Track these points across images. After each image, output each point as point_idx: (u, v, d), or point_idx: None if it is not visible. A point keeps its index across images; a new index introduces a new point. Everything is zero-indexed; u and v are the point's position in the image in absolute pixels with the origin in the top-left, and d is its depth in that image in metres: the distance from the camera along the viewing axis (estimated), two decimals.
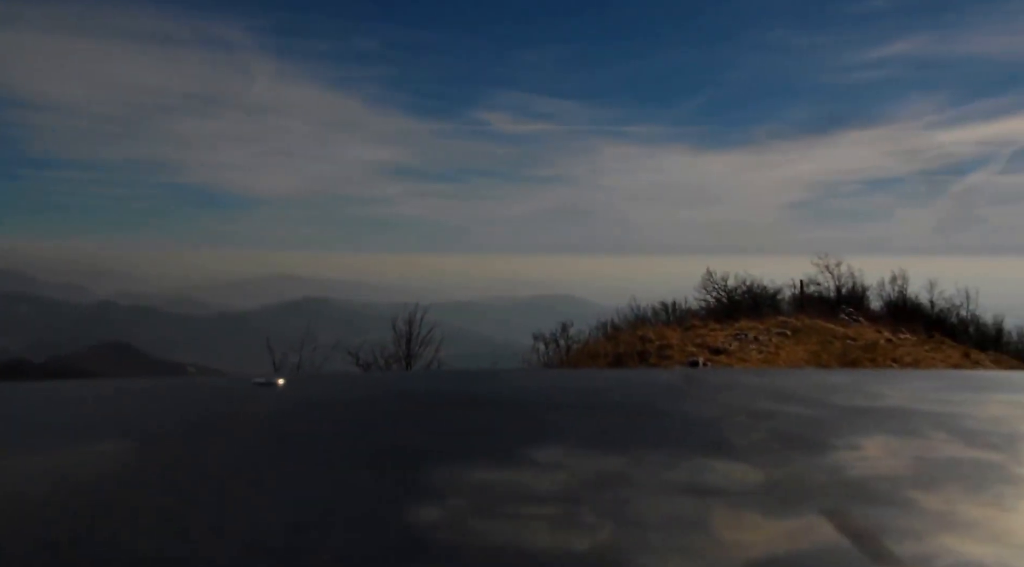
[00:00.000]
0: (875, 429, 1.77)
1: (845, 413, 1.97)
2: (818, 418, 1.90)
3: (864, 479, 1.40)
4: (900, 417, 1.91)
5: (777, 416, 1.92)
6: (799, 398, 2.14)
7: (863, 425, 1.82)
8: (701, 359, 18.27)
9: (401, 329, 18.53)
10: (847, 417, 1.92)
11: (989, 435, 1.72)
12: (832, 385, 2.38)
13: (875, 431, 1.75)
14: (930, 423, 1.82)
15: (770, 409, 2.00)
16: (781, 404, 2.06)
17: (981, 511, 1.22)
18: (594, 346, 21.15)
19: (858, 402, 2.10)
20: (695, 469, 1.47)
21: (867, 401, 2.10)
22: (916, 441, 1.67)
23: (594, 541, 1.11)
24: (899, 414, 1.94)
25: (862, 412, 1.98)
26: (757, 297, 22.13)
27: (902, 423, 1.84)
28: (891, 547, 1.08)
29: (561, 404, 2.16)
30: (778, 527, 1.16)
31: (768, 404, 2.06)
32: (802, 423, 1.85)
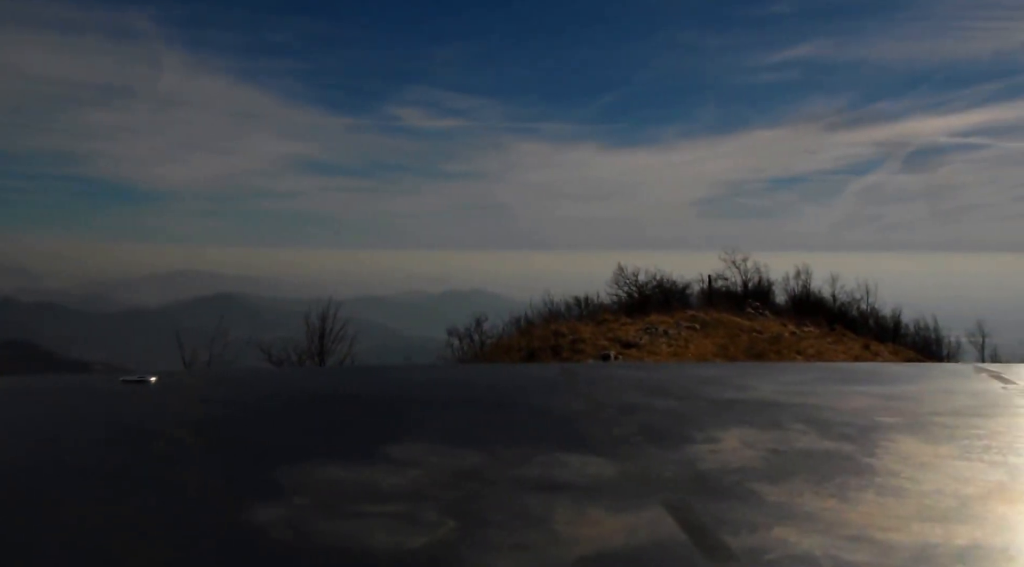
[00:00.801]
0: (736, 422, 1.80)
1: (712, 406, 2.00)
2: (684, 411, 1.93)
3: (714, 472, 1.43)
4: (764, 409, 1.95)
5: (644, 410, 1.94)
6: (671, 392, 2.17)
7: (726, 418, 1.85)
8: (613, 353, 18.47)
9: (314, 325, 18.27)
10: (713, 410, 1.95)
11: (845, 426, 1.76)
12: (707, 378, 2.42)
13: (736, 424, 1.78)
14: (791, 415, 1.87)
15: (639, 403, 2.03)
16: (651, 398, 2.08)
17: (822, 503, 1.25)
18: (508, 341, 21.17)
19: (728, 395, 2.14)
20: (550, 464, 1.48)
21: (737, 394, 2.14)
22: (773, 433, 1.71)
23: (431, 539, 1.11)
24: (764, 406, 1.98)
25: (729, 405, 2.01)
26: (667, 292, 22.43)
27: (764, 415, 1.88)
28: (726, 540, 1.10)
29: (437, 400, 2.16)
30: (619, 522, 1.18)
31: (639, 398, 2.09)
32: (667, 416, 1.87)
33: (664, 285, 22.75)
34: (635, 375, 2.56)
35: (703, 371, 2.85)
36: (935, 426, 1.75)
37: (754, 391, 2.17)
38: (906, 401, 2.04)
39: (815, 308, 21.97)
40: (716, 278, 23.38)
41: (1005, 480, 1.37)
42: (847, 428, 1.74)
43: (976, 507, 1.24)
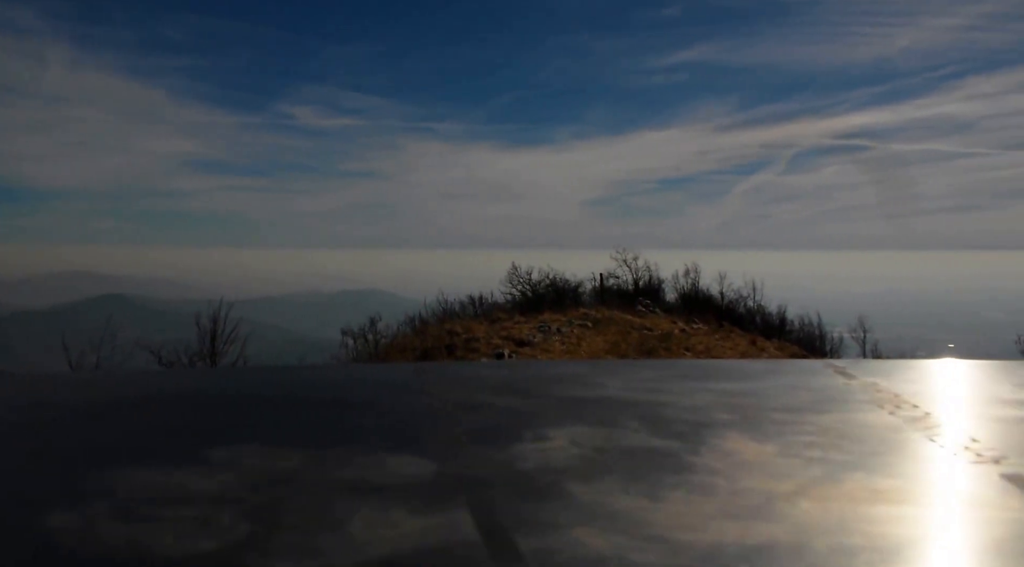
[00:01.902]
0: (573, 420, 1.79)
1: (556, 404, 1.99)
2: (527, 410, 1.91)
3: (532, 472, 1.40)
4: (606, 407, 1.94)
5: (486, 409, 1.92)
6: (520, 390, 2.15)
7: (564, 416, 1.84)
8: (507, 351, 18.53)
9: (205, 326, 17.86)
10: (555, 408, 1.94)
11: (679, 424, 1.76)
12: (565, 376, 2.41)
13: (572, 422, 1.77)
14: (631, 413, 1.86)
15: (484, 402, 2.00)
16: (498, 397, 2.06)
17: (630, 502, 1.24)
18: (402, 340, 21.05)
19: (575, 393, 2.13)
20: (369, 466, 1.45)
21: (585, 392, 2.14)
22: (605, 431, 1.70)
23: (220, 544, 1.07)
24: (608, 404, 1.98)
25: (573, 403, 2.00)
26: (560, 290, 22.62)
27: (604, 413, 1.87)
28: (519, 542, 1.08)
29: (289, 400, 2.11)
30: (418, 524, 1.15)
31: (486, 397, 2.07)
32: (507, 415, 1.85)
33: (557, 284, 22.93)
34: (494, 374, 2.54)
35: (565, 369, 2.85)
36: (767, 423, 1.77)
37: (603, 389, 2.17)
38: (748, 398, 2.06)
39: (704, 305, 22.44)
40: (608, 277, 23.70)
41: (818, 477, 1.38)
42: (680, 426, 1.74)
43: (781, 505, 1.24)
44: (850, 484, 1.33)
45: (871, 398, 2.03)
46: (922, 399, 2.03)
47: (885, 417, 1.82)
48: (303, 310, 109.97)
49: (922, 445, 1.59)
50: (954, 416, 1.86)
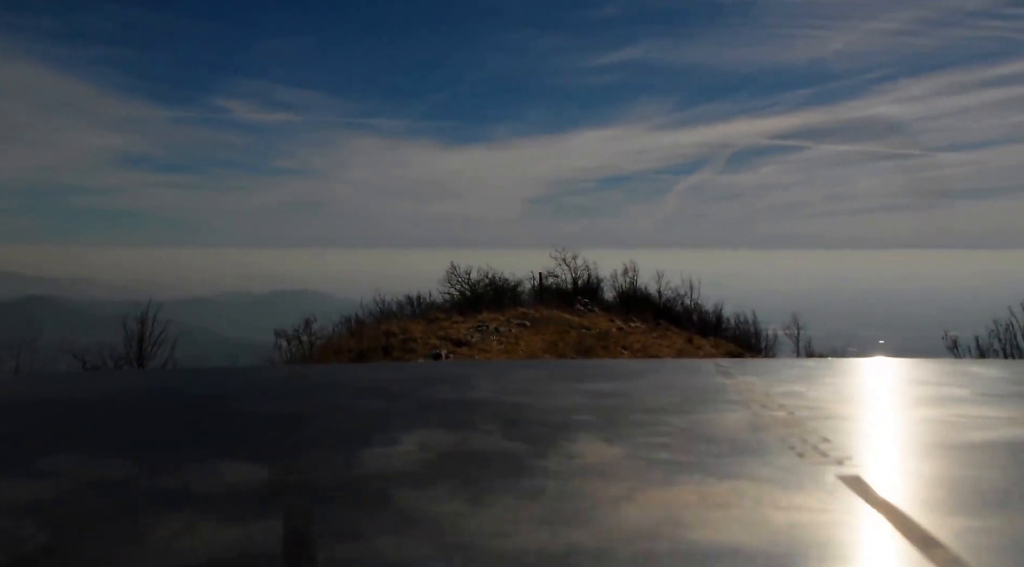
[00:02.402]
0: (431, 423, 1.77)
1: (419, 407, 1.97)
2: (387, 412, 1.89)
3: (365, 478, 1.38)
4: (469, 409, 1.92)
5: (346, 411, 1.89)
6: (389, 392, 2.12)
7: (423, 419, 1.81)
8: (444, 351, 18.48)
9: (132, 328, 17.56)
10: (417, 411, 1.91)
11: (537, 426, 1.75)
12: (443, 377, 2.39)
13: (429, 425, 1.75)
14: (492, 415, 1.84)
15: (347, 404, 1.97)
16: (365, 399, 2.03)
17: (453, 507, 1.23)
18: (337, 341, 20.89)
19: (444, 395, 2.10)
20: (199, 473, 1.41)
21: (458, 393, 2.11)
22: (458, 435, 1.68)
23: (12, 557, 1.03)
24: (472, 406, 1.96)
25: (437, 405, 1.98)
26: (499, 290, 22.63)
27: (465, 416, 1.85)
28: (321, 552, 1.05)
29: (160, 405, 2.06)
30: (225, 533, 1.13)
31: (351, 399, 2.04)
32: (364, 418, 1.83)
33: (496, 283, 22.95)
34: (369, 375, 2.51)
35: (445, 370, 2.83)
36: (627, 424, 1.76)
37: (476, 390, 2.15)
38: (620, 398, 2.05)
39: (642, 304, 22.62)
40: (547, 276, 23.76)
41: (654, 479, 1.37)
42: (537, 428, 1.73)
43: (603, 510, 1.22)
44: (682, 487, 1.32)
45: (742, 398, 2.04)
46: (795, 399, 2.04)
47: (747, 417, 1.82)
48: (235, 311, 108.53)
49: (772, 446, 1.59)
50: (819, 416, 1.87)
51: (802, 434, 1.67)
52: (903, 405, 2.04)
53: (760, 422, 1.78)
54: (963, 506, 1.25)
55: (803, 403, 1.99)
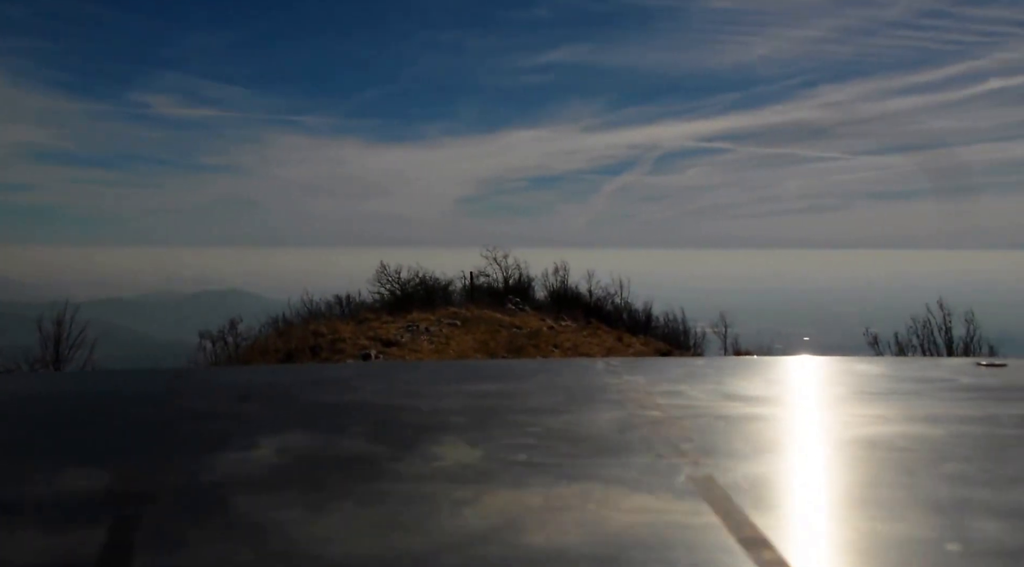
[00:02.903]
0: (299, 427, 1.74)
1: (294, 410, 1.94)
2: (258, 416, 1.86)
3: (210, 484, 1.36)
4: (343, 412, 1.89)
5: (217, 417, 1.85)
6: (268, 395, 2.09)
7: (293, 423, 1.78)
8: (373, 352, 18.35)
9: (48, 330, 17.11)
10: (290, 414, 1.89)
11: (408, 428, 1.73)
12: (336, 379, 2.36)
13: (297, 429, 1.72)
14: (365, 418, 1.82)
15: (221, 409, 1.93)
16: (241, 403, 1.99)
17: (289, 515, 1.20)
18: (264, 342, 20.63)
19: (327, 398, 2.07)
20: (42, 480, 1.37)
21: (337, 396, 2.08)
22: (323, 439, 1.66)
23: None
24: (348, 409, 1.93)
25: (313, 408, 1.95)
26: (430, 289, 22.54)
27: (337, 419, 1.82)
28: (136, 562, 1.02)
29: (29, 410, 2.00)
30: (44, 544, 1.09)
31: (226, 404, 2.00)
32: (233, 422, 1.79)
33: (427, 282, 22.85)
34: (255, 378, 2.47)
35: (330, 372, 2.80)
36: (498, 426, 1.75)
37: (361, 392, 2.13)
38: (501, 399, 2.04)
39: (572, 303, 22.71)
40: (478, 275, 23.74)
41: (505, 482, 1.36)
42: (406, 430, 1.71)
43: (445, 514, 1.21)
44: (530, 490, 1.31)
45: (622, 398, 2.04)
46: (674, 398, 2.04)
47: (620, 417, 1.82)
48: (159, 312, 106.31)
49: (635, 447, 1.59)
50: (692, 416, 1.88)
51: (669, 434, 1.67)
52: (779, 404, 2.06)
53: (631, 422, 1.78)
54: (805, 506, 1.27)
55: (681, 402, 2.00)
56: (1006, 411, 1.95)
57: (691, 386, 2.21)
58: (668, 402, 1.99)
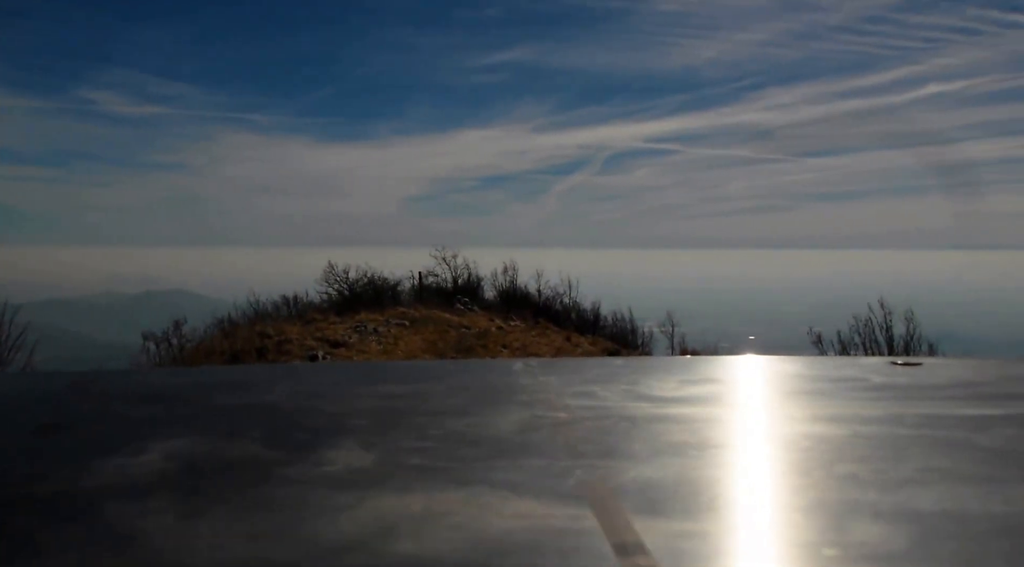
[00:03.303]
0: (197, 430, 1.70)
1: (197, 413, 1.90)
2: (160, 419, 1.82)
3: (83, 490, 1.32)
4: (248, 414, 1.86)
5: (117, 419, 1.82)
6: (177, 397, 2.05)
7: (192, 426, 1.75)
8: (321, 353, 18.22)
9: None
10: (192, 417, 1.85)
11: (307, 432, 1.70)
12: (239, 383, 2.32)
13: (194, 432, 1.68)
14: (267, 420, 1.79)
15: (121, 412, 1.89)
16: (145, 405, 1.95)
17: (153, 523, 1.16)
18: (210, 343, 20.35)
19: (233, 400, 2.04)
20: None
21: (245, 398, 2.05)
22: (218, 443, 1.62)
23: None
24: (253, 411, 1.90)
25: (218, 411, 1.92)
26: (378, 289, 22.40)
27: (239, 421, 1.79)
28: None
29: None
30: None
31: (129, 407, 1.96)
32: (130, 425, 1.75)
33: (375, 282, 22.69)
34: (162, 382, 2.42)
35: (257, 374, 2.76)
36: (399, 428, 1.73)
37: (270, 394, 2.10)
38: (410, 400, 2.02)
39: (522, 303, 22.69)
40: (427, 275, 23.64)
41: (393, 488, 1.34)
42: (304, 434, 1.68)
43: (321, 521, 1.18)
44: (415, 495, 1.29)
45: (532, 399, 2.03)
46: (584, 399, 2.04)
47: (525, 419, 1.81)
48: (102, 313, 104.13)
49: (533, 449, 1.58)
50: (597, 417, 1.87)
51: (569, 436, 1.66)
52: (688, 404, 2.06)
53: (534, 424, 1.77)
54: (691, 511, 1.26)
55: (590, 403, 2.00)
56: (911, 410, 1.97)
57: (604, 387, 2.21)
58: (576, 403, 1.98)
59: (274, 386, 2.21)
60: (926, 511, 1.25)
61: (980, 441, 1.68)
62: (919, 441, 1.70)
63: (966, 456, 1.57)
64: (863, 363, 2.87)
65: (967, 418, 1.90)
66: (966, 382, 2.38)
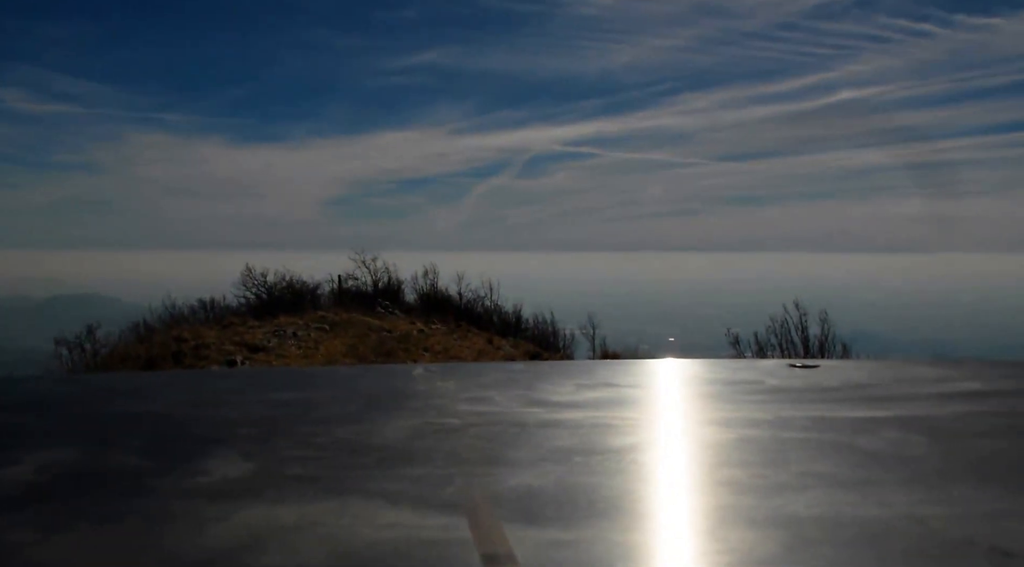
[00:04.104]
0: (72, 439, 1.68)
1: (78, 420, 1.87)
2: (35, 429, 1.78)
3: None
4: (133, 422, 1.84)
5: None
6: (59, 406, 2.00)
7: (69, 435, 1.72)
8: (239, 357, 17.94)
9: None
10: (71, 426, 1.82)
11: (189, 441, 1.68)
12: (131, 390, 2.28)
13: (69, 441, 1.65)
14: (153, 428, 1.77)
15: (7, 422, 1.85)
16: (20, 413, 1.91)
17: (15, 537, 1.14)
18: (125, 349, 19.88)
19: (117, 408, 2.00)
20: None
21: (130, 406, 2.02)
22: (92, 452, 1.60)
23: None
24: (139, 419, 1.88)
25: (103, 418, 1.88)
26: (297, 293, 22.15)
27: (123, 429, 1.76)
28: None
29: None
30: None
31: (9, 414, 1.91)
32: (6, 435, 1.71)
33: (294, 286, 22.45)
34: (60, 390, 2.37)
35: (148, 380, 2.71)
36: (285, 436, 1.72)
37: (158, 402, 2.06)
38: (300, 407, 2.01)
39: (443, 306, 22.67)
40: (347, 278, 23.45)
41: (267, 498, 1.34)
42: (187, 443, 1.66)
43: (186, 534, 1.18)
44: (288, 505, 1.29)
45: (425, 405, 2.04)
46: (479, 405, 2.05)
47: (415, 426, 1.81)
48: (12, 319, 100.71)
49: (419, 457, 1.59)
50: (488, 423, 1.89)
51: (457, 443, 1.67)
52: (580, 408, 2.09)
53: (424, 431, 1.77)
54: (564, 518, 1.27)
55: (483, 409, 2.01)
56: (800, 413, 2.02)
57: (501, 392, 2.22)
58: (470, 409, 1.99)
59: (171, 393, 2.18)
60: (801, 516, 1.28)
61: (862, 444, 1.73)
62: (803, 445, 1.74)
63: (847, 460, 1.61)
64: (761, 366, 2.94)
65: (853, 420, 1.95)
66: (858, 384, 2.45)
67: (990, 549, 1.06)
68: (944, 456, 1.63)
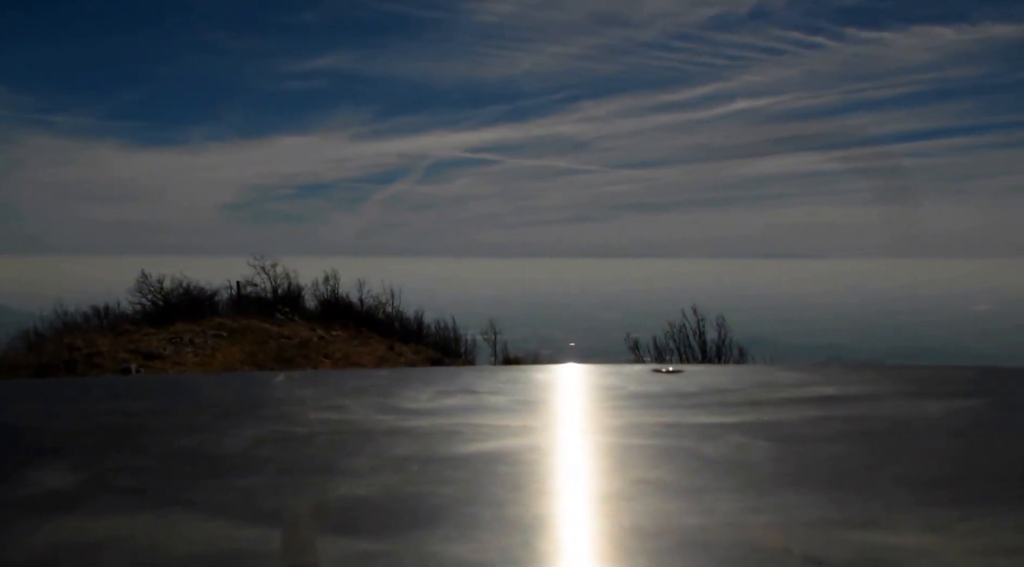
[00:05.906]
0: None
1: None
2: None
3: None
4: None
5: None
6: None
7: None
8: (134, 365, 17.50)
9: None
10: None
11: (19, 450, 1.69)
12: None
13: None
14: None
15: None
16: None
17: None
18: (14, 358, 19.23)
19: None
20: None
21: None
22: None
23: None
24: None
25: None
26: (195, 299, 21.74)
27: None
28: None
29: None
30: None
31: None
32: None
33: (192, 292, 22.03)
34: None
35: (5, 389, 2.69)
36: (123, 446, 1.73)
37: (6, 411, 2.05)
38: (149, 416, 2.02)
39: (344, 312, 22.53)
40: (245, 285, 23.11)
41: (84, 511, 1.34)
42: (13, 452, 1.67)
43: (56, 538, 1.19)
44: (103, 519, 1.28)
45: (278, 413, 2.07)
46: (332, 413, 2.08)
47: (261, 435, 1.83)
48: None
49: (253, 466, 1.61)
50: (338, 431, 1.92)
51: (298, 452, 1.70)
52: (431, 415, 2.12)
53: (267, 440, 1.80)
54: (383, 528, 1.27)
55: (334, 417, 2.04)
56: (651, 420, 2.05)
57: (356, 399, 2.26)
58: (321, 417, 2.02)
59: (24, 402, 2.17)
60: (623, 525, 1.29)
61: (705, 450, 1.76)
62: (645, 451, 1.76)
63: (685, 466, 1.63)
64: (626, 371, 3.01)
65: (702, 426, 1.98)
66: (715, 389, 2.50)
67: (804, 558, 1.13)
68: (781, 462, 1.69)
